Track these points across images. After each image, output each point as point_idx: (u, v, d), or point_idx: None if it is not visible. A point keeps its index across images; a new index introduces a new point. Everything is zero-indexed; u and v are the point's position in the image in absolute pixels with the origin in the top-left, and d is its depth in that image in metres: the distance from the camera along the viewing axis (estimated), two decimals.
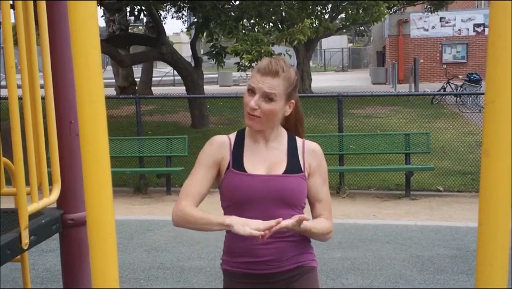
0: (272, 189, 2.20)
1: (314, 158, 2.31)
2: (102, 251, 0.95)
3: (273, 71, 2.15)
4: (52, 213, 2.73)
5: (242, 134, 2.32)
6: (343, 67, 46.00)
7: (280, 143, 2.30)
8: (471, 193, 8.69)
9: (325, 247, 5.75)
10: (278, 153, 2.27)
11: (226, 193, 2.25)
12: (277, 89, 2.15)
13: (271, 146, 2.28)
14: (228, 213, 2.25)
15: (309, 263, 2.31)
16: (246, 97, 2.19)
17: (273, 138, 2.29)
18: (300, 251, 2.27)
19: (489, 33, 0.87)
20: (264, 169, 2.23)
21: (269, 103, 2.16)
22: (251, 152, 2.26)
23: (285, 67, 2.18)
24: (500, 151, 0.83)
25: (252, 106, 2.14)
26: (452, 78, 19.95)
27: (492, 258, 0.85)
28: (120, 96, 16.85)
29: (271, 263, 2.21)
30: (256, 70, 2.19)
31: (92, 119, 0.93)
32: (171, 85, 31.68)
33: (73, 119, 2.76)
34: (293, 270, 2.26)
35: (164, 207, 8.36)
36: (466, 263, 5.53)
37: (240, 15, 13.02)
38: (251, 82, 2.18)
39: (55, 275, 5.31)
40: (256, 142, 2.28)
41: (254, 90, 2.16)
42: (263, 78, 2.15)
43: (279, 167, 2.24)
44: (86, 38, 0.92)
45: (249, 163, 2.24)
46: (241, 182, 2.20)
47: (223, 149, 2.27)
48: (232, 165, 2.23)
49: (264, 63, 2.18)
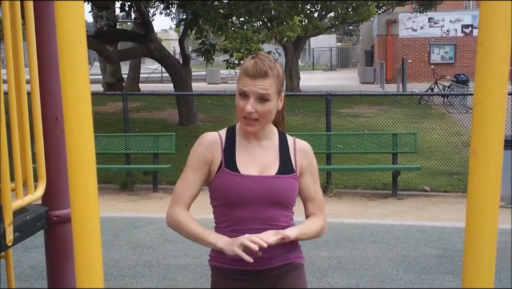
0: (265, 190, 2.19)
1: (305, 157, 2.31)
2: (87, 249, 0.94)
3: (262, 72, 2.12)
4: (36, 210, 2.70)
5: (233, 131, 2.30)
6: (331, 66, 46.09)
7: (272, 141, 2.29)
8: (458, 193, 8.74)
9: (311, 245, 5.75)
10: (270, 153, 2.27)
11: (218, 193, 2.24)
12: (270, 89, 2.14)
13: (262, 145, 2.27)
14: (219, 211, 2.26)
15: (297, 260, 2.32)
16: (239, 101, 2.16)
17: (265, 136, 2.28)
18: (289, 249, 2.28)
19: (478, 35, 0.87)
20: (257, 170, 2.23)
21: (265, 104, 2.15)
22: (243, 151, 2.25)
23: (271, 64, 2.16)
24: (488, 151, 0.83)
25: (249, 111, 2.13)
26: (439, 79, 20.06)
27: (479, 259, 0.85)
28: (107, 92, 16.75)
29: (260, 260, 2.20)
30: (244, 73, 2.16)
31: (77, 115, 0.92)
32: (159, 82, 31.59)
33: (59, 115, 2.74)
34: (281, 267, 2.27)
35: (150, 204, 8.33)
36: (452, 263, 5.56)
37: (229, 13, 13.00)
38: (242, 86, 2.15)
39: (40, 272, 5.28)
40: (248, 140, 2.27)
41: (247, 93, 2.13)
42: (254, 80, 2.12)
43: (272, 167, 2.24)
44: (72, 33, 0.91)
45: (241, 163, 2.23)
46: (234, 182, 2.19)
47: (214, 147, 2.25)
48: (224, 164, 2.22)
49: (250, 65, 2.14)
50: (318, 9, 20.11)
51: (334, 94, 10.08)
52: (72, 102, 0.92)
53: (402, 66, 21.25)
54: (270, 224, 2.21)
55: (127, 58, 18.64)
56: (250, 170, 2.22)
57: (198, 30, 13.46)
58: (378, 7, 22.02)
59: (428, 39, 29.53)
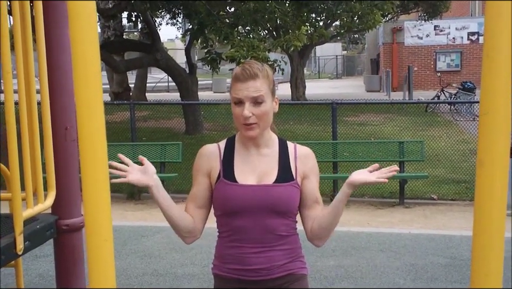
0: (263, 198, 2.19)
1: (306, 163, 2.29)
2: (100, 258, 0.96)
3: (252, 74, 2.15)
4: (46, 219, 2.72)
5: (232, 142, 2.32)
6: (337, 74, 46.10)
7: (271, 149, 2.29)
8: (465, 201, 8.70)
9: (318, 254, 5.75)
10: (269, 161, 2.26)
11: (217, 203, 2.26)
12: (262, 90, 2.16)
13: (262, 153, 2.27)
14: (221, 221, 2.27)
15: (299, 270, 2.30)
16: (235, 110, 2.18)
17: (264, 144, 2.28)
18: (290, 259, 2.27)
19: (484, 45, 0.89)
20: (255, 178, 2.23)
21: (260, 106, 2.16)
22: (242, 161, 2.26)
23: (259, 67, 2.20)
24: (495, 161, 0.85)
25: (247, 115, 2.14)
26: (446, 86, 20.03)
27: (486, 268, 0.86)
28: (115, 102, 16.82)
29: (261, 271, 2.21)
30: (235, 80, 2.19)
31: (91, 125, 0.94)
32: (165, 91, 31.68)
33: (69, 125, 2.77)
34: (283, 278, 2.26)
35: (157, 213, 8.32)
36: (460, 272, 5.54)
37: (235, 22, 13.04)
38: (235, 94, 2.17)
39: (49, 281, 5.29)
40: (247, 149, 2.28)
41: (241, 100, 2.15)
42: (245, 84, 2.15)
43: (270, 175, 2.23)
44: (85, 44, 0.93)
45: (239, 172, 2.23)
46: (232, 192, 2.20)
47: (212, 158, 2.27)
48: (222, 175, 2.24)
49: (239, 70, 2.18)
50: (323, 18, 20.15)
51: (340, 102, 10.09)
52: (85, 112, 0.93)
53: (408, 74, 21.23)
54: (270, 233, 2.20)
55: (134, 68, 18.73)
56: (248, 180, 2.22)
57: (204, 40, 13.52)
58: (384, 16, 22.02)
59: (433, 47, 29.52)
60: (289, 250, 2.26)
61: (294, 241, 2.30)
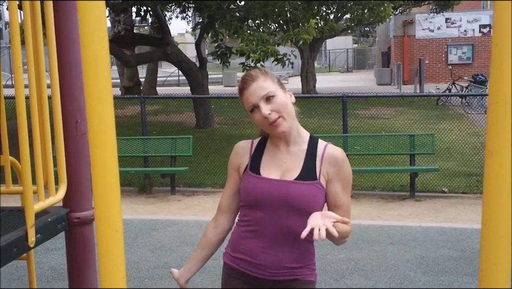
0: (281, 194, 2.20)
1: (333, 165, 2.25)
2: (110, 248, 0.97)
3: (254, 78, 2.22)
4: (58, 212, 2.74)
5: (265, 139, 2.35)
6: (347, 68, 45.94)
7: (300, 147, 2.28)
8: (476, 194, 8.66)
9: (329, 247, 5.75)
10: (295, 159, 2.26)
11: (242, 194, 2.31)
12: (268, 87, 2.20)
13: (290, 151, 2.28)
14: (243, 211, 2.32)
15: (306, 277, 2.28)
16: (255, 117, 2.21)
17: (294, 140, 2.28)
18: (299, 265, 2.25)
19: (493, 35, 0.88)
20: (279, 174, 2.25)
21: (274, 100, 2.19)
22: (270, 157, 2.29)
23: (258, 71, 2.27)
24: (503, 151, 0.84)
25: (266, 113, 2.16)
26: (457, 79, 19.91)
27: (495, 258, 0.86)
28: (125, 96, 16.87)
29: (266, 268, 2.22)
30: (240, 91, 2.25)
31: (101, 119, 0.94)
32: (176, 85, 31.70)
33: (80, 119, 2.78)
34: (288, 282, 2.25)
35: (168, 206, 8.37)
36: (471, 264, 5.52)
37: (245, 16, 13.03)
38: (247, 103, 2.22)
39: (61, 273, 5.34)
40: (277, 146, 2.30)
41: (255, 104, 2.19)
42: (250, 89, 2.20)
43: (293, 172, 2.24)
44: (95, 38, 0.93)
45: (265, 167, 2.27)
46: (252, 184, 2.25)
47: (243, 153, 2.34)
48: (249, 167, 2.29)
49: (241, 81, 2.28)
50: (334, 11, 20.07)
51: (350, 95, 10.07)
52: (95, 106, 0.94)
53: (420, 67, 21.13)
54: (284, 231, 2.20)
55: (144, 62, 18.74)
56: (272, 174, 2.25)
57: (214, 34, 13.51)
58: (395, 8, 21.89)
59: (445, 40, 29.32)
60: (300, 255, 2.25)
61: (307, 248, 2.28)
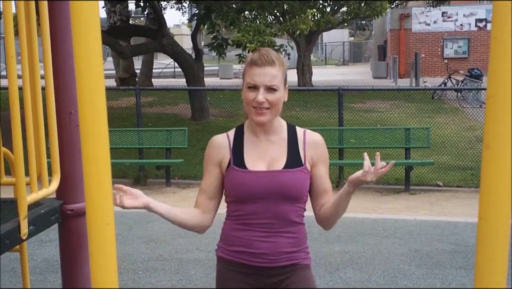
0: (272, 184, 2.20)
1: (315, 149, 2.30)
2: (101, 241, 0.95)
3: (270, 61, 2.16)
4: (51, 203, 2.72)
5: (241, 130, 2.33)
6: (344, 61, 45.91)
7: (280, 135, 2.29)
8: (471, 188, 8.69)
9: (323, 240, 5.75)
10: (278, 147, 2.27)
11: (228, 190, 2.28)
12: (277, 78, 2.17)
13: (271, 139, 2.28)
14: (231, 207, 2.29)
15: (302, 261, 2.30)
16: (248, 94, 2.18)
17: (273, 130, 2.28)
18: (296, 249, 2.27)
19: (492, 28, 0.87)
20: (265, 165, 2.24)
21: (274, 93, 2.17)
22: (251, 148, 2.27)
23: (276, 55, 2.22)
24: (501, 144, 0.83)
25: (261, 100, 2.15)
26: (453, 73, 19.91)
27: (492, 252, 0.85)
28: (121, 87, 16.83)
29: (265, 256, 2.23)
30: (251, 64, 2.18)
31: (92, 110, 0.93)
32: (171, 77, 31.63)
33: (74, 110, 2.76)
34: (286, 267, 2.26)
35: (163, 198, 8.36)
36: (465, 258, 5.54)
37: (242, 7, 12.98)
38: (250, 79, 2.17)
39: (54, 265, 5.32)
40: (256, 136, 2.28)
41: (256, 85, 2.15)
42: (262, 69, 2.15)
43: (279, 162, 2.24)
44: (87, 28, 0.92)
45: (249, 159, 2.25)
46: (242, 179, 2.22)
47: (222, 148, 2.29)
48: (233, 162, 2.25)
49: (256, 55, 2.19)
50: (331, 4, 20.03)
51: (346, 88, 10.07)
52: (87, 96, 0.93)
53: (415, 60, 21.13)
54: (279, 218, 2.22)
55: (140, 54, 18.70)
56: (258, 166, 2.24)
57: (210, 25, 13.47)
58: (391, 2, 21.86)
59: (441, 34, 29.32)
60: (295, 238, 2.27)
61: (301, 231, 2.30)
